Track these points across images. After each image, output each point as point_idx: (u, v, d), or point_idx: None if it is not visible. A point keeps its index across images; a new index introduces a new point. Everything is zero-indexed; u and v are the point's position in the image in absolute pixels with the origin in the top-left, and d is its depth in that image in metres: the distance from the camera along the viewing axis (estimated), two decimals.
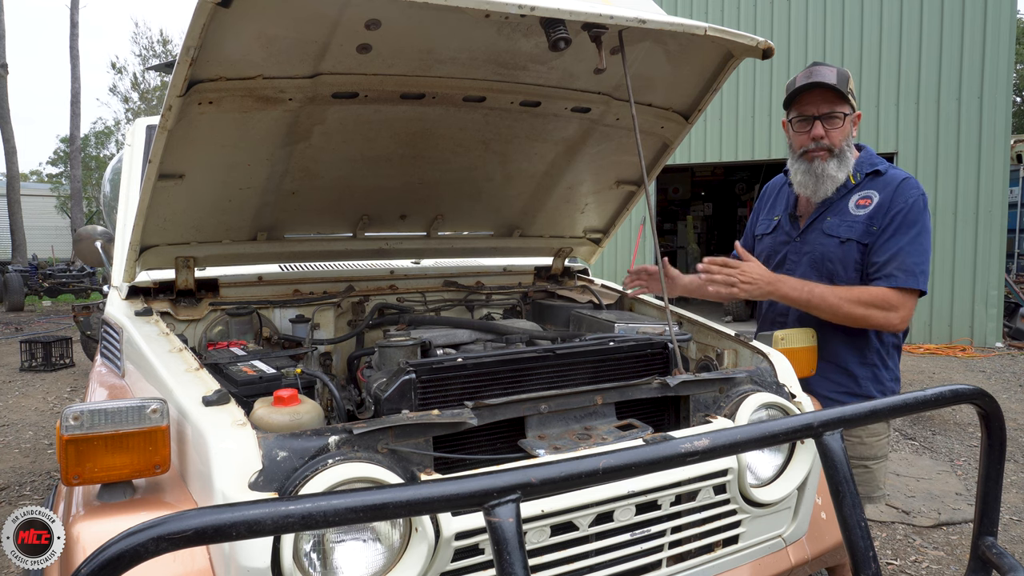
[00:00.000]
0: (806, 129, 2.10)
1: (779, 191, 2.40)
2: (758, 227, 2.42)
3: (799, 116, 2.12)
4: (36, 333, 10.46)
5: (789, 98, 2.13)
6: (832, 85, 2.03)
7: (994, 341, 9.22)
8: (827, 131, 2.07)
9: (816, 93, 2.07)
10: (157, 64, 23.42)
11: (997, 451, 1.27)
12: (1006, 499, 3.89)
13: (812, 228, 2.19)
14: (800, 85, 2.09)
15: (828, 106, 2.07)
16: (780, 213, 2.33)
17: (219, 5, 1.23)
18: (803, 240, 2.21)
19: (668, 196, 15.38)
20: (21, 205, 19.07)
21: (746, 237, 2.52)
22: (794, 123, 2.14)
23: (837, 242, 2.09)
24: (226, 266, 2.17)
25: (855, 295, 2.01)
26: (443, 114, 1.92)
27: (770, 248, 2.31)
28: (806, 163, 2.12)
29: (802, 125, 2.12)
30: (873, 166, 2.15)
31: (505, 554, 0.85)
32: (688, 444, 0.98)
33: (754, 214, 2.52)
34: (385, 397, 1.42)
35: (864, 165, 2.16)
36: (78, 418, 1.17)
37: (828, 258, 2.12)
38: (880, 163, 2.16)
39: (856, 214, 2.10)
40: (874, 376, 2.16)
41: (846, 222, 2.11)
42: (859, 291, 2.02)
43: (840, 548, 1.75)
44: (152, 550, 0.71)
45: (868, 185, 2.13)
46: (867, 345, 2.14)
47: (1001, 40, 9.01)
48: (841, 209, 2.14)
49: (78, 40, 20.27)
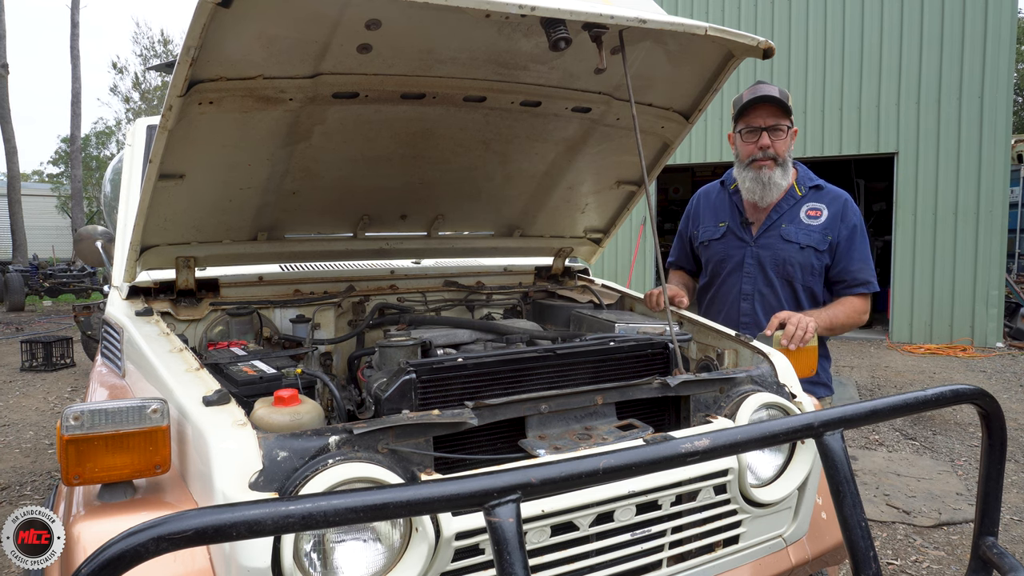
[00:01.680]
0: (754, 140, 2.33)
1: (716, 198, 2.58)
2: (702, 234, 2.58)
3: (748, 128, 2.35)
4: (37, 333, 10.47)
5: (739, 111, 2.35)
6: (778, 99, 2.27)
7: (995, 341, 9.21)
8: (773, 142, 2.31)
9: (764, 107, 2.30)
10: (158, 64, 23.43)
11: (998, 451, 1.27)
12: (1007, 499, 3.89)
13: (768, 233, 2.41)
14: (750, 99, 2.31)
15: (774, 119, 2.30)
16: (727, 219, 2.51)
17: (219, 5, 1.23)
18: (760, 244, 2.44)
19: (668, 196, 15.36)
20: (22, 205, 19.08)
21: (684, 246, 2.70)
22: (743, 134, 2.37)
23: (797, 247, 2.35)
24: (226, 266, 2.17)
25: (855, 308, 2.33)
26: (443, 114, 1.92)
27: (722, 253, 2.49)
28: (754, 171, 2.35)
29: (750, 136, 2.34)
30: (813, 180, 2.45)
31: (505, 554, 0.85)
32: (688, 444, 0.98)
33: (690, 221, 2.67)
34: (385, 397, 1.42)
35: (806, 179, 2.45)
36: (79, 418, 1.17)
37: (788, 262, 2.37)
38: (816, 179, 2.46)
39: (809, 223, 2.38)
40: (824, 367, 2.42)
41: (802, 230, 2.37)
42: (850, 304, 2.34)
43: (840, 548, 1.75)
44: (152, 550, 0.71)
45: (813, 198, 2.41)
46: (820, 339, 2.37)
47: (1002, 40, 9.00)
48: (794, 218, 2.39)
49: (79, 40, 20.29)
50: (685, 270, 2.73)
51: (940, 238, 9.37)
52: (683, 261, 2.72)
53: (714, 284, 2.53)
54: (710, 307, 2.56)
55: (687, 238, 2.68)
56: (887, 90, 9.58)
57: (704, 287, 2.60)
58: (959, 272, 9.34)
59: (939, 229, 9.37)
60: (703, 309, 2.61)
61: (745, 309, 2.42)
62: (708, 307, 2.57)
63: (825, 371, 2.44)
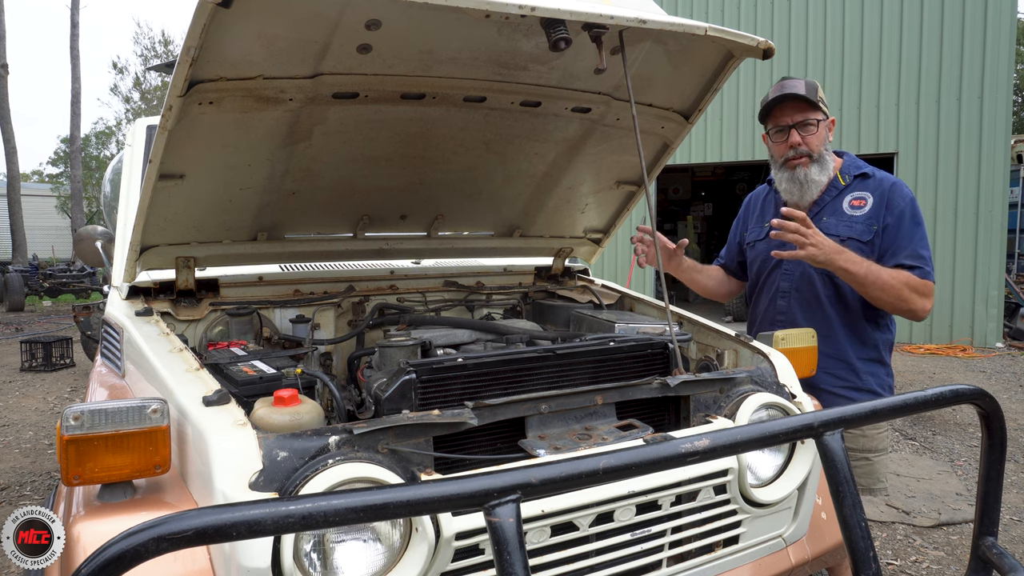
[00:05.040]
0: (784, 139, 2.24)
1: (764, 199, 2.52)
2: (748, 235, 2.52)
3: (775, 127, 2.27)
4: (36, 333, 10.47)
5: (764, 113, 2.28)
6: (801, 95, 2.17)
7: (994, 341, 9.22)
8: (803, 138, 2.21)
9: (788, 104, 2.21)
10: (158, 64, 23.43)
11: (997, 451, 1.27)
12: (1006, 499, 3.89)
13: None
14: (772, 98, 2.23)
15: (801, 115, 2.20)
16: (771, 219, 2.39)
17: (219, 5, 1.23)
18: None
19: (668, 196, 15.36)
20: (21, 205, 19.08)
21: (730, 247, 2.64)
22: (772, 134, 2.29)
23: (837, 240, 2.13)
24: (226, 266, 2.17)
25: (904, 279, 2.09)
26: (443, 114, 1.92)
27: (765, 252, 2.39)
28: (789, 171, 2.25)
29: (780, 135, 2.26)
30: (859, 169, 2.28)
31: (505, 554, 0.85)
32: (688, 444, 0.98)
33: (739, 223, 2.63)
34: (385, 397, 1.42)
35: (851, 168, 2.29)
36: (78, 418, 1.17)
37: None
38: (865, 166, 2.29)
39: (852, 214, 2.21)
40: (874, 371, 2.24)
41: (843, 222, 2.21)
42: (906, 276, 2.10)
43: (840, 548, 1.75)
44: (152, 550, 0.71)
45: (859, 187, 2.25)
46: (868, 340, 2.23)
47: (1001, 40, 9.01)
48: (836, 210, 2.24)
49: (78, 40, 20.28)
50: (727, 269, 2.66)
51: (940, 238, 9.37)
52: (729, 260, 2.65)
53: (758, 284, 2.48)
54: (754, 307, 2.50)
55: (736, 240, 2.62)
56: (887, 90, 9.59)
57: (751, 288, 2.55)
58: (959, 272, 9.34)
59: (939, 229, 9.36)
60: (749, 311, 2.56)
61: (781, 307, 2.33)
62: (752, 307, 2.52)
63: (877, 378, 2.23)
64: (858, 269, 2.06)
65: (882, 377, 2.25)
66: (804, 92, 2.17)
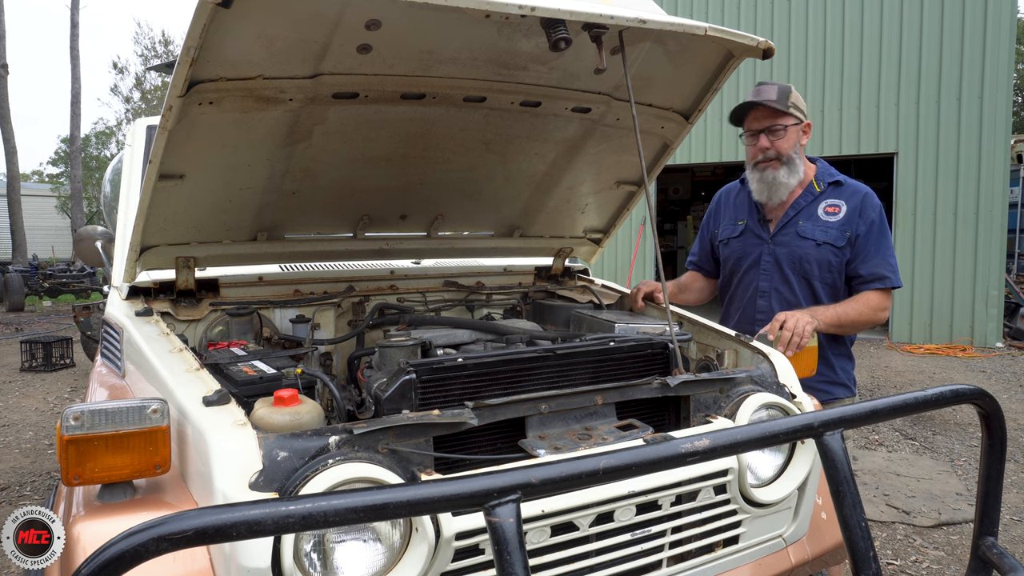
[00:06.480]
0: (754, 142, 2.37)
1: (736, 197, 2.61)
2: (722, 232, 2.60)
3: (747, 131, 2.40)
4: (36, 333, 10.47)
5: (737, 118, 2.40)
6: (767, 103, 2.29)
7: (994, 341, 9.21)
8: (772, 142, 2.32)
9: (758, 109, 2.34)
10: (158, 64, 23.43)
11: (997, 451, 1.27)
12: (1006, 499, 3.89)
13: (785, 231, 2.40)
14: (740, 105, 2.36)
15: (769, 120, 2.32)
16: (745, 217, 2.52)
17: (219, 5, 1.23)
18: (776, 242, 2.41)
19: (668, 196, 15.37)
20: (21, 205, 19.09)
21: (703, 244, 2.72)
22: (744, 137, 2.42)
23: (813, 244, 2.33)
24: (226, 266, 2.17)
25: (870, 304, 2.29)
26: (443, 114, 1.92)
27: (740, 250, 2.50)
28: (759, 172, 2.38)
29: (751, 139, 2.39)
30: (833, 176, 2.42)
31: (505, 554, 0.85)
32: (688, 444, 0.98)
33: (710, 219, 2.70)
34: (385, 397, 1.42)
35: (825, 175, 2.43)
36: (78, 418, 1.17)
37: (805, 259, 2.35)
38: (838, 175, 2.44)
39: (827, 220, 2.36)
40: (844, 366, 2.42)
41: (819, 227, 2.35)
42: (864, 300, 2.30)
43: (840, 548, 1.75)
44: (152, 550, 0.71)
45: (832, 194, 2.39)
46: (840, 338, 2.40)
47: (1001, 40, 9.00)
48: (812, 214, 2.38)
49: (78, 40, 20.29)
50: (703, 270, 2.74)
51: (940, 238, 9.37)
52: (703, 261, 2.72)
53: (732, 282, 2.54)
54: (728, 305, 2.56)
55: (708, 237, 2.69)
56: (887, 90, 9.58)
57: (723, 285, 2.61)
58: (959, 272, 9.34)
59: (939, 229, 9.37)
60: (722, 307, 2.61)
61: (761, 307, 2.40)
62: (727, 305, 2.58)
63: (846, 371, 2.41)
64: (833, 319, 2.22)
65: (849, 371, 2.44)
66: (775, 98, 2.30)
